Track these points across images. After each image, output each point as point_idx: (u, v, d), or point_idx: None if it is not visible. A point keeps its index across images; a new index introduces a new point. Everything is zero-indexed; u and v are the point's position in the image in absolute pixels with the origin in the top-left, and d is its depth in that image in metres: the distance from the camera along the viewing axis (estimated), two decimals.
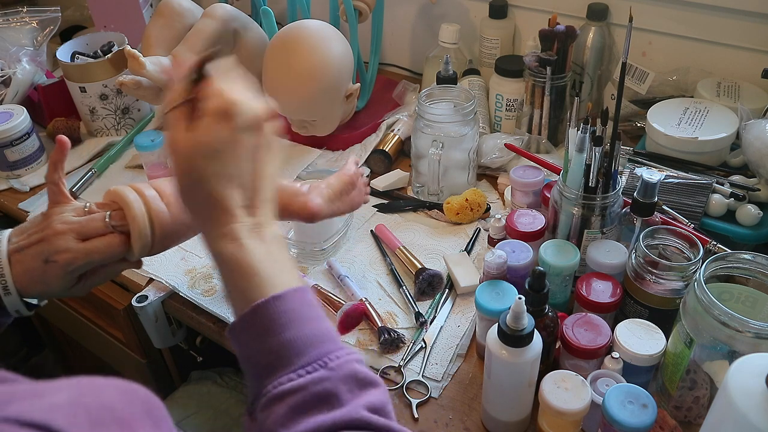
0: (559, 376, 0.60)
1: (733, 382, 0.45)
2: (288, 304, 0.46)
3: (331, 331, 0.47)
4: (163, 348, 0.96)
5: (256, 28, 1.09)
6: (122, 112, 1.16)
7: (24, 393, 0.29)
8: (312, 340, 0.45)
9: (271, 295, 0.46)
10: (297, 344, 0.44)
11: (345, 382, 0.44)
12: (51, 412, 0.28)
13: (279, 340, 0.44)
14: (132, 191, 0.60)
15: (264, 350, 0.45)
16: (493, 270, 0.70)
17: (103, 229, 0.59)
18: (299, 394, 0.42)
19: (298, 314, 0.46)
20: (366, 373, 0.45)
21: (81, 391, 0.31)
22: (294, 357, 0.44)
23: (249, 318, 0.45)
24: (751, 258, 0.59)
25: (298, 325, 0.45)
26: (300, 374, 0.43)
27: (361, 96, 1.15)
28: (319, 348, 0.45)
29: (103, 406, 0.31)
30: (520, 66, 1.02)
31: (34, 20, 1.28)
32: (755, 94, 0.94)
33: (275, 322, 0.45)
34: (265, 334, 0.45)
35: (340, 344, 0.47)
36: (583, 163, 0.71)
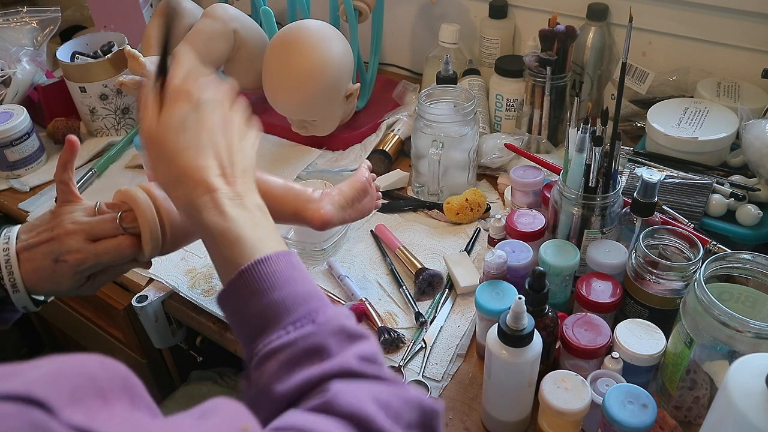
0: (559, 376, 0.60)
1: (733, 382, 0.45)
2: (273, 266, 0.46)
3: (317, 291, 0.48)
4: (163, 348, 0.96)
5: (256, 28, 1.09)
6: (122, 112, 1.16)
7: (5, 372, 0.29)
8: (299, 298, 0.46)
9: (257, 258, 0.46)
10: (284, 303, 0.45)
11: (333, 336, 0.44)
12: (31, 383, 0.28)
13: (266, 300, 0.45)
14: (142, 192, 0.61)
15: (253, 312, 0.45)
16: (493, 270, 0.70)
17: (114, 231, 0.59)
18: (289, 349, 0.43)
19: (284, 275, 0.46)
20: (354, 326, 0.46)
21: (62, 363, 0.31)
22: (282, 315, 0.45)
23: (236, 282, 0.46)
24: (751, 258, 0.59)
25: (284, 286, 0.46)
26: (288, 331, 0.44)
27: (361, 96, 1.15)
28: (306, 305, 0.46)
29: (85, 375, 0.31)
30: (520, 66, 1.02)
31: (34, 20, 1.28)
32: (755, 94, 0.94)
33: (262, 284, 0.46)
34: (253, 296, 0.46)
35: (327, 302, 0.48)
36: (583, 163, 0.71)
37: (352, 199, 0.71)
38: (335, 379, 0.42)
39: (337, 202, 0.69)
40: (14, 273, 0.57)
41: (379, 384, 0.43)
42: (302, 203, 0.67)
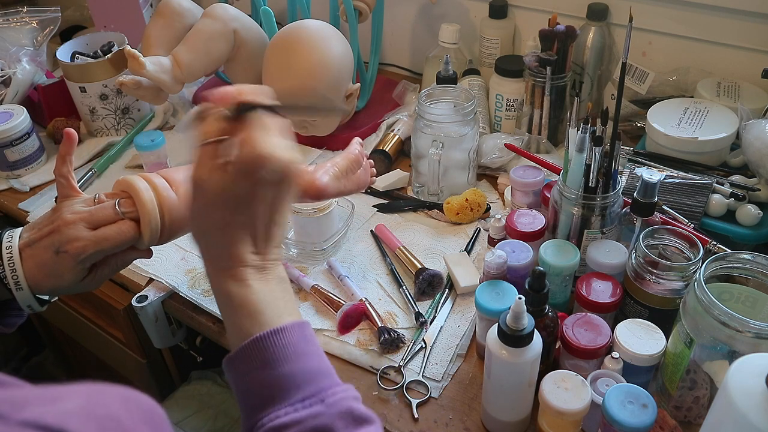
0: (559, 376, 0.60)
1: (733, 382, 0.45)
2: (287, 338, 0.47)
3: (328, 368, 0.48)
4: (163, 348, 0.96)
5: (256, 28, 1.09)
6: (122, 112, 1.16)
7: (37, 398, 0.30)
8: (310, 375, 0.46)
9: (271, 329, 0.46)
10: (295, 378, 0.45)
11: (341, 418, 0.44)
12: (65, 417, 0.29)
13: (277, 372, 0.45)
14: (141, 179, 0.61)
15: (261, 382, 0.45)
16: (493, 270, 0.70)
17: (113, 217, 0.59)
18: (295, 428, 0.43)
19: (297, 348, 0.47)
20: (362, 410, 0.46)
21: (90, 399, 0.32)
22: (291, 391, 0.45)
23: (247, 349, 0.46)
24: (751, 258, 0.59)
25: (296, 360, 0.46)
26: (296, 408, 0.44)
27: (361, 96, 1.15)
28: (316, 383, 0.46)
29: (110, 417, 0.31)
30: (520, 66, 1.02)
31: (34, 20, 1.28)
32: (755, 94, 0.94)
33: (274, 355, 0.46)
34: (263, 367, 0.46)
35: (337, 380, 0.47)
36: (583, 163, 0.71)
37: (345, 169, 0.71)
38: None
39: (331, 173, 0.69)
40: (17, 270, 0.57)
41: None
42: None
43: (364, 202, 0.98)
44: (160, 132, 1.03)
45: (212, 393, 0.96)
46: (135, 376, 1.07)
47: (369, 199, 1.00)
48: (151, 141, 1.00)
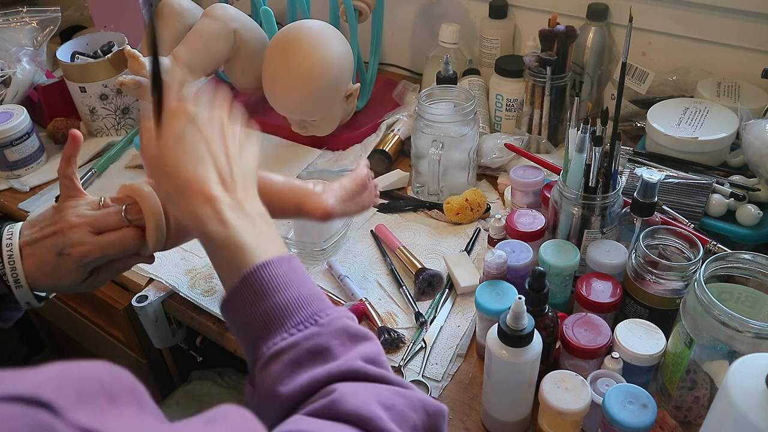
0: (559, 376, 0.60)
1: (733, 382, 0.45)
2: (275, 270, 0.47)
3: (318, 292, 0.49)
4: (163, 348, 0.96)
5: (256, 28, 1.09)
6: (122, 112, 1.16)
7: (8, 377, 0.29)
8: (301, 300, 0.46)
9: (258, 263, 0.47)
10: (287, 306, 0.46)
11: (337, 337, 0.45)
12: (36, 385, 0.28)
13: (269, 303, 0.46)
14: (147, 186, 0.61)
15: (256, 316, 0.46)
16: (493, 270, 0.70)
17: (118, 223, 0.59)
18: (292, 350, 0.44)
19: (286, 278, 0.47)
20: (357, 327, 0.47)
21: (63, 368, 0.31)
22: (285, 318, 0.45)
23: (239, 288, 0.47)
24: (751, 258, 0.59)
25: (286, 289, 0.47)
26: (292, 333, 0.45)
27: (361, 96, 1.15)
28: (309, 308, 0.46)
29: (92, 378, 0.31)
30: (520, 66, 1.02)
31: (34, 20, 1.28)
32: (755, 94, 0.94)
33: (264, 287, 0.46)
34: (256, 300, 0.46)
35: (328, 303, 0.48)
36: (583, 163, 0.71)
37: (353, 192, 0.72)
38: (340, 380, 0.42)
39: (339, 195, 0.69)
40: (17, 268, 0.57)
41: (383, 385, 0.43)
42: (304, 196, 0.67)
43: None
44: None
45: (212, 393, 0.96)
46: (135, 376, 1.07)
47: None
48: None
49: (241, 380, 0.99)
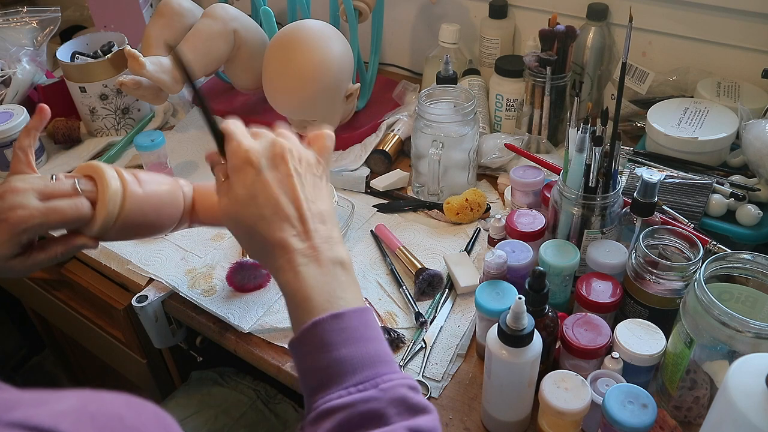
0: (559, 376, 0.60)
1: (733, 382, 0.45)
2: (346, 323, 0.47)
3: (387, 354, 0.48)
4: (163, 348, 0.96)
5: (256, 28, 1.09)
6: (122, 112, 1.16)
7: (28, 400, 0.29)
8: (366, 360, 0.46)
9: (330, 313, 0.47)
10: (351, 362, 0.45)
11: (394, 405, 0.44)
12: (56, 417, 0.28)
13: (333, 356, 0.45)
14: (109, 167, 0.59)
15: (318, 366, 0.45)
16: (493, 270, 0.70)
17: (70, 192, 0.56)
18: (346, 411, 0.43)
19: (355, 333, 0.46)
20: (417, 399, 0.45)
21: (86, 400, 0.31)
22: (346, 375, 0.45)
23: (307, 333, 0.47)
24: (751, 258, 0.59)
25: (354, 344, 0.46)
26: (350, 392, 0.44)
27: (361, 96, 1.15)
28: (372, 369, 0.45)
29: (110, 415, 0.31)
30: (520, 66, 1.02)
31: (34, 20, 1.28)
32: (755, 94, 0.94)
33: (332, 339, 0.46)
34: (320, 350, 0.46)
35: (395, 368, 0.47)
36: (583, 163, 0.71)
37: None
38: None
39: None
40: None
41: None
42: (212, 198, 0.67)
43: (364, 202, 0.98)
44: (160, 132, 1.03)
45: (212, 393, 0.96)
46: (135, 376, 1.07)
47: (369, 199, 1.00)
48: (151, 141, 1.00)
49: (241, 381, 0.99)
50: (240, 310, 0.80)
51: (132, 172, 0.62)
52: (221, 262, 0.88)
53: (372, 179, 1.01)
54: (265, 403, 0.96)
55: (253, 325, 0.78)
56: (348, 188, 1.02)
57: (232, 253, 0.90)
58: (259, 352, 0.76)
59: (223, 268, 0.86)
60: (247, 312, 0.80)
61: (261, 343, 0.77)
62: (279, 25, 1.05)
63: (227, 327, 0.79)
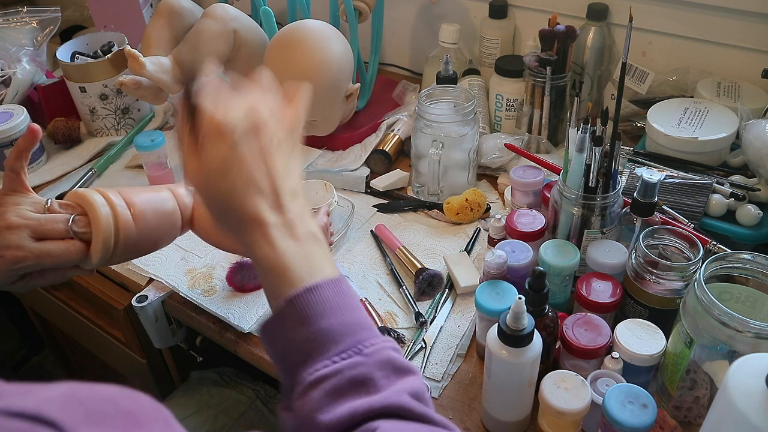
0: (559, 376, 0.60)
1: (733, 382, 0.45)
2: (322, 294, 0.46)
3: (366, 320, 0.48)
4: (163, 348, 0.96)
5: (256, 28, 1.09)
6: (122, 112, 1.16)
7: (12, 390, 0.29)
8: (347, 328, 0.45)
9: (305, 286, 0.46)
10: (332, 332, 0.45)
11: (380, 368, 0.44)
12: (41, 403, 0.28)
13: (314, 329, 0.45)
14: (100, 196, 0.58)
15: (298, 341, 0.45)
16: (493, 270, 0.70)
17: (63, 233, 0.56)
18: (334, 378, 0.43)
19: (332, 303, 0.46)
20: (402, 360, 0.46)
21: (75, 387, 0.30)
22: (329, 344, 0.44)
23: (284, 311, 0.46)
24: (751, 258, 0.59)
25: (332, 314, 0.46)
26: (335, 360, 0.44)
27: (361, 96, 1.15)
28: (354, 336, 0.45)
29: (102, 399, 0.30)
30: (520, 66, 1.02)
31: (34, 20, 1.28)
32: (755, 94, 0.94)
33: (310, 312, 0.45)
34: (300, 325, 0.45)
35: (375, 332, 0.47)
36: (583, 163, 0.71)
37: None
38: (382, 416, 0.41)
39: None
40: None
41: (426, 426, 0.42)
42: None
43: (364, 202, 0.98)
44: (160, 132, 1.03)
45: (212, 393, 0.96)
46: (135, 376, 1.07)
47: (369, 199, 1.00)
48: (151, 141, 1.00)
49: (241, 381, 0.99)
50: (240, 310, 0.80)
51: (124, 194, 0.61)
52: (221, 262, 0.88)
53: (372, 179, 1.01)
54: (264, 403, 0.96)
55: (253, 325, 0.78)
56: (348, 188, 1.02)
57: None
58: (259, 352, 0.76)
59: (223, 268, 0.86)
60: (247, 312, 0.80)
61: (261, 343, 0.77)
62: (279, 25, 1.05)
63: (227, 327, 0.79)
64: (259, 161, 0.50)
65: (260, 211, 0.49)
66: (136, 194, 0.62)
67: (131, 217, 0.59)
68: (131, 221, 0.59)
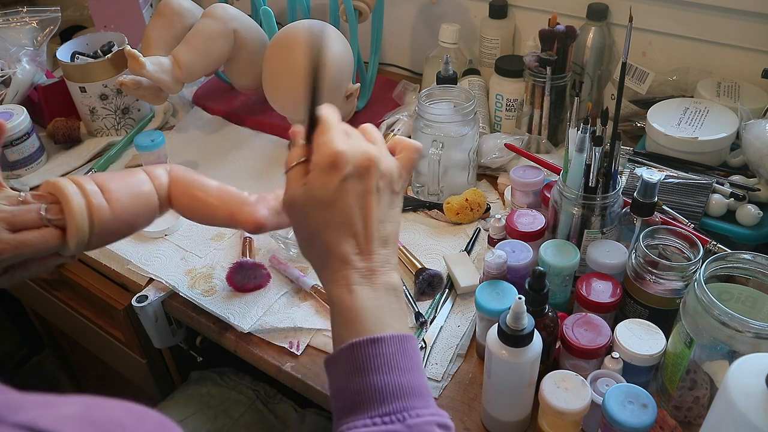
0: (559, 376, 0.60)
1: (733, 382, 0.45)
2: (384, 349, 0.46)
3: (422, 387, 0.47)
4: (163, 348, 0.96)
5: (256, 28, 1.09)
6: (122, 112, 1.16)
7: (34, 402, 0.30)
8: (398, 390, 0.45)
9: (369, 337, 0.46)
10: (381, 391, 0.44)
11: None
12: (60, 421, 0.29)
13: (366, 382, 0.44)
14: (72, 184, 0.58)
15: (349, 388, 0.45)
16: (493, 270, 0.70)
17: (37, 222, 0.56)
18: None
19: (392, 361, 0.46)
20: None
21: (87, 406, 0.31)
22: (375, 403, 0.44)
23: (343, 353, 0.46)
24: (751, 258, 0.59)
25: (388, 372, 0.45)
26: (375, 422, 0.43)
27: (361, 96, 1.15)
28: (402, 401, 0.44)
29: (112, 422, 0.31)
30: (520, 66, 1.02)
31: (34, 20, 1.28)
32: (755, 94, 0.94)
33: (367, 363, 0.45)
34: (354, 373, 0.45)
35: (428, 403, 0.46)
36: (583, 163, 0.71)
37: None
38: None
39: (272, 206, 0.66)
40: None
41: None
42: (237, 206, 0.65)
43: None
44: (160, 132, 1.03)
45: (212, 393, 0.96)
46: (135, 376, 1.07)
47: None
48: (151, 141, 1.00)
49: (240, 381, 0.99)
50: (240, 310, 0.80)
51: (98, 180, 0.61)
52: (221, 262, 0.88)
53: None
54: (264, 403, 0.96)
55: (253, 325, 0.78)
56: None
57: (232, 253, 0.90)
58: (259, 352, 0.76)
59: (223, 268, 0.86)
60: (247, 312, 0.80)
61: (261, 343, 0.77)
62: (279, 25, 1.05)
63: (227, 327, 0.79)
64: (361, 202, 0.51)
65: (348, 253, 0.50)
66: (111, 179, 0.62)
67: (105, 202, 0.59)
68: (105, 205, 0.59)
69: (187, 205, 0.66)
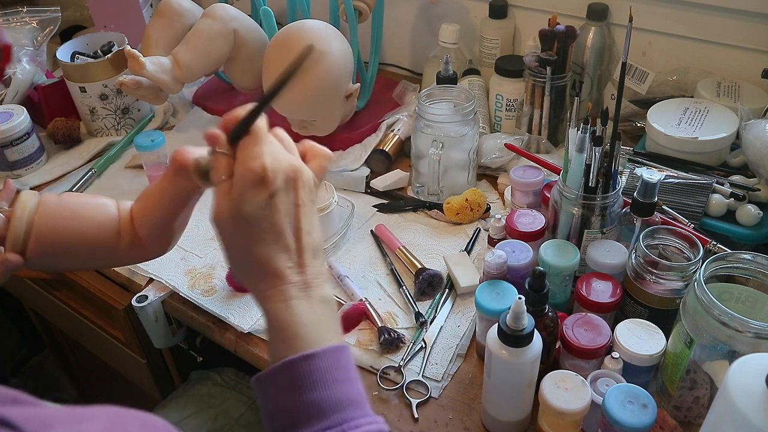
0: (559, 376, 0.60)
1: (733, 382, 0.45)
2: (319, 365, 0.46)
3: (357, 396, 0.47)
4: (163, 348, 0.96)
5: (256, 28, 1.09)
6: (122, 112, 1.16)
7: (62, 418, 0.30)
8: (336, 404, 0.45)
9: (303, 354, 0.46)
10: (319, 406, 0.45)
11: None
12: None
13: (303, 399, 0.45)
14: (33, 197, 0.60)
15: (286, 406, 0.45)
16: (493, 270, 0.70)
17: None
18: None
19: (327, 375, 0.46)
20: None
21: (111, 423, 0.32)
22: (314, 418, 0.44)
23: (278, 372, 0.46)
24: (751, 258, 0.59)
25: (324, 387, 0.45)
26: None
27: (361, 96, 1.15)
28: (340, 413, 0.45)
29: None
30: (520, 66, 1.02)
31: (34, 20, 1.28)
32: (755, 94, 0.94)
33: (302, 380, 0.45)
34: (290, 391, 0.45)
35: (365, 411, 0.46)
36: (583, 163, 0.71)
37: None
38: None
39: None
40: None
41: None
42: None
43: (364, 202, 0.98)
44: (160, 132, 1.03)
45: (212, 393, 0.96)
46: (135, 376, 1.07)
47: (369, 199, 1.00)
48: (151, 141, 1.00)
49: (240, 381, 0.99)
50: (240, 310, 0.80)
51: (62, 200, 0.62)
52: (221, 262, 0.88)
53: (372, 179, 1.01)
54: None
55: (253, 325, 0.78)
56: (348, 188, 1.02)
57: None
58: (259, 352, 0.76)
59: (223, 268, 0.86)
60: (247, 312, 0.80)
61: (261, 343, 0.77)
62: (279, 25, 1.05)
63: (227, 327, 0.79)
64: (291, 216, 0.50)
65: (283, 267, 0.49)
66: (76, 198, 0.64)
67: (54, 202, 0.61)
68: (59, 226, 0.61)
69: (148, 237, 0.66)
